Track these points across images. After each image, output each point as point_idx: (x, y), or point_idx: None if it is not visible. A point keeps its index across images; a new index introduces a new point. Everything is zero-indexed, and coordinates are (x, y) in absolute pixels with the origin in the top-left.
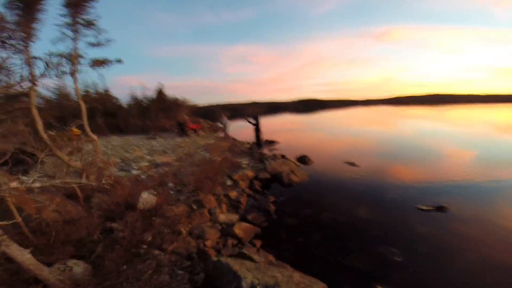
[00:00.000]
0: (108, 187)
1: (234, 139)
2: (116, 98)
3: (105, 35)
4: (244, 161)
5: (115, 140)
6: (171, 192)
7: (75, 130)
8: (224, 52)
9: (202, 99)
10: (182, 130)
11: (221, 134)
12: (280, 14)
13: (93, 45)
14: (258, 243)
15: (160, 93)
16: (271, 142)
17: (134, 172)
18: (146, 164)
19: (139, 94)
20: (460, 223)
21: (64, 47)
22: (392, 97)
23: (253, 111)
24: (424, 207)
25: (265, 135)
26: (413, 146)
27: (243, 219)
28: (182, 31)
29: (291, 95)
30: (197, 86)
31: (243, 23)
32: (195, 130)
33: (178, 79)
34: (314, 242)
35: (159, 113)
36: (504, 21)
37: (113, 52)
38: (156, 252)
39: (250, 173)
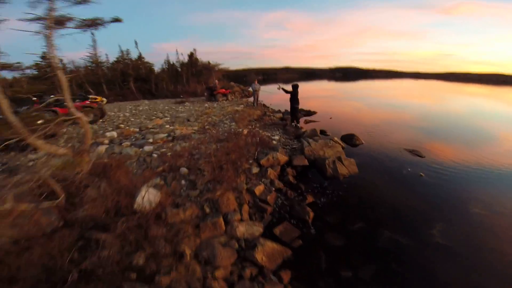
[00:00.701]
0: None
1: (265, 107)
2: (150, 64)
3: None
4: (275, 136)
5: (144, 104)
6: (182, 182)
7: (96, 97)
8: (259, 17)
9: (235, 64)
10: (211, 94)
11: (251, 100)
12: None
13: (77, 3)
14: (286, 276)
15: (191, 57)
16: (307, 113)
17: (147, 147)
18: (163, 136)
19: (174, 59)
20: None
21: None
22: (446, 72)
23: (287, 76)
24: None
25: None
26: (492, 132)
27: (268, 231)
28: None
29: (329, 63)
30: (231, 52)
31: None
32: (224, 95)
33: (213, 44)
34: (365, 279)
35: (190, 78)
36: None
37: (152, 19)
38: None
39: (282, 157)
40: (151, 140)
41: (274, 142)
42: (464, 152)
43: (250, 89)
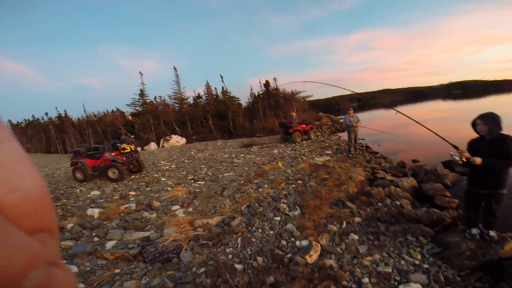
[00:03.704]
0: None
1: (369, 154)
2: (235, 98)
3: None
4: None
5: (212, 148)
6: None
7: (125, 147)
8: (340, 42)
9: (325, 93)
10: (286, 133)
11: (343, 137)
12: None
13: None
14: None
15: (267, 87)
16: None
17: None
18: (136, 238)
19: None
20: None
21: None
22: None
23: (387, 100)
24: None
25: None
26: None
27: None
28: (293, 28)
29: (440, 79)
30: (317, 80)
31: (352, 10)
32: (305, 132)
33: (297, 75)
34: None
35: (268, 111)
36: None
37: (245, 57)
38: None
39: None
40: (109, 246)
41: None
42: None
43: (345, 123)
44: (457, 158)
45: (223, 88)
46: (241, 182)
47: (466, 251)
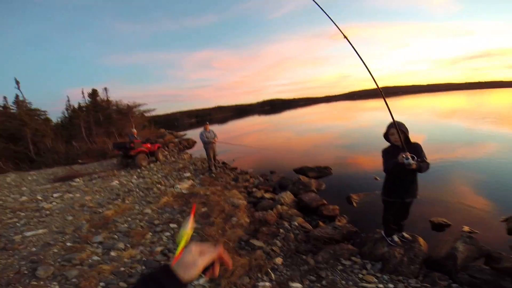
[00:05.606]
0: None
1: (233, 171)
2: (41, 112)
3: None
4: None
5: None
6: None
7: None
8: (186, 58)
9: (163, 108)
10: (125, 155)
11: (194, 154)
12: (239, 19)
13: None
14: None
15: (94, 97)
16: (319, 171)
17: None
18: None
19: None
20: None
21: None
22: (348, 92)
23: (221, 116)
24: None
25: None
26: None
27: None
28: (140, 39)
29: (257, 97)
30: (157, 95)
31: (204, 29)
32: (151, 154)
33: (136, 88)
34: None
35: (95, 129)
36: (441, 16)
37: (66, 62)
38: None
39: None
40: None
41: None
42: None
43: (203, 140)
44: (412, 163)
45: (17, 97)
46: (68, 244)
47: (403, 258)
